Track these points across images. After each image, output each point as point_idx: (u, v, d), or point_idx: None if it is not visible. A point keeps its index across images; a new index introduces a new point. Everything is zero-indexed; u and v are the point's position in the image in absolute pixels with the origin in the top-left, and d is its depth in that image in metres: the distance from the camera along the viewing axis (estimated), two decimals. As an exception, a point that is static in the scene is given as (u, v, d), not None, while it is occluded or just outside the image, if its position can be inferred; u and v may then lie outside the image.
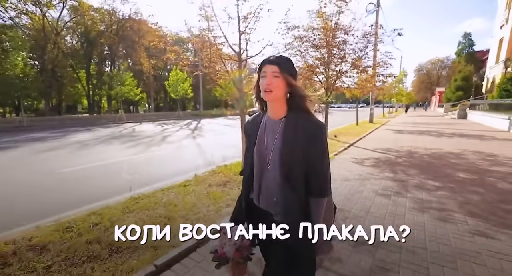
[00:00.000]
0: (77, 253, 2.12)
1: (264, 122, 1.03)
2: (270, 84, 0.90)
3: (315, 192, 0.94)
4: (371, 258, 1.97)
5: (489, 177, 4.13)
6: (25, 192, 4.01)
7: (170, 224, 2.52)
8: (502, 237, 2.25)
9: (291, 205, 0.94)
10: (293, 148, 0.92)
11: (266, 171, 1.00)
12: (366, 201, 3.16)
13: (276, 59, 0.93)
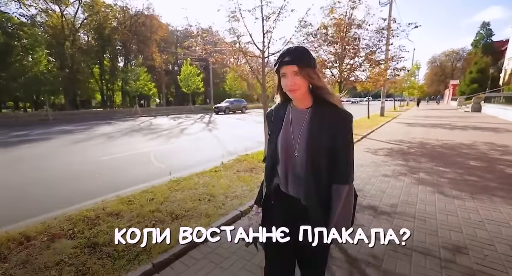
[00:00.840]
0: (146, 219, 2.62)
1: (290, 112, 1.05)
2: (293, 84, 0.93)
3: (338, 179, 0.96)
4: (389, 224, 2.39)
5: (498, 164, 4.42)
6: (77, 176, 4.60)
7: (213, 200, 3.02)
8: (503, 210, 2.62)
9: (315, 192, 0.96)
10: (320, 136, 0.94)
11: (293, 159, 1.01)
12: (382, 184, 3.56)
13: (293, 58, 0.92)
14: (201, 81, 26.26)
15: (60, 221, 2.54)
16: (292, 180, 1.02)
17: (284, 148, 1.02)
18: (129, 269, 1.84)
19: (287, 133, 1.02)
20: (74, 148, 7.22)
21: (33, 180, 4.33)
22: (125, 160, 5.69)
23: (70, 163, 5.52)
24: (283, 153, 1.02)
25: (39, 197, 3.56)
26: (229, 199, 3.13)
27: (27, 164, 5.52)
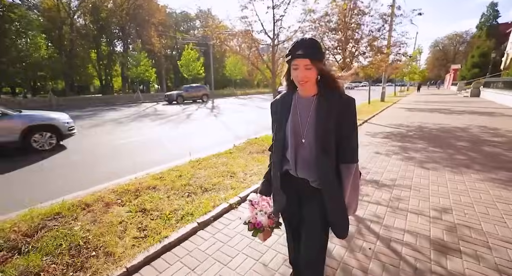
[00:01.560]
0: (179, 191, 3.05)
1: (297, 100, 1.11)
2: (304, 76, 0.99)
3: (347, 159, 1.06)
4: (389, 194, 2.84)
5: (487, 145, 4.86)
6: (101, 158, 5.01)
7: (235, 177, 3.44)
8: (485, 182, 3.07)
9: (327, 172, 1.04)
10: (326, 122, 1.01)
11: (301, 145, 1.08)
12: (383, 162, 3.99)
13: (305, 51, 0.97)
14: (202, 66, 26.03)
15: (106, 193, 2.96)
16: (301, 164, 1.10)
17: (293, 135, 1.08)
18: (179, 226, 2.29)
19: (294, 120, 1.09)
20: (89, 133, 7.57)
21: (62, 162, 4.73)
22: (141, 144, 6.07)
23: (91, 147, 5.91)
24: (292, 139, 1.08)
25: (75, 176, 3.98)
26: (248, 176, 3.56)
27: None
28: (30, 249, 1.93)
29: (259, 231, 1.17)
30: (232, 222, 2.41)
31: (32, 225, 2.24)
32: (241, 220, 1.34)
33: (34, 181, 3.75)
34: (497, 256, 1.77)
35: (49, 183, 3.67)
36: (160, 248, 1.98)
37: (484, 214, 2.35)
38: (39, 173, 4.14)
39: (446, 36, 54.40)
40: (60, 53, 19.50)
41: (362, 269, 1.69)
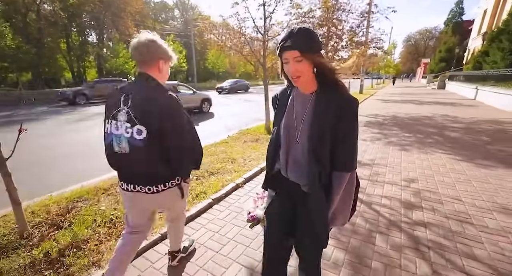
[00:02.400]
0: (188, 175, 3.38)
1: (294, 96, 1.02)
2: (295, 71, 0.89)
3: (339, 167, 0.94)
4: (370, 170, 3.39)
5: (447, 130, 5.68)
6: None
7: (236, 162, 3.83)
8: (445, 158, 3.75)
9: (314, 179, 0.94)
10: (323, 123, 0.91)
11: (294, 145, 1.00)
12: (363, 146, 4.58)
13: (294, 42, 0.86)
14: (184, 58, 25.49)
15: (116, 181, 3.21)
16: (292, 166, 1.02)
17: (286, 134, 1.01)
18: (196, 202, 2.64)
19: (289, 118, 1.01)
20: (77, 127, 7.45)
21: (63, 153, 4.78)
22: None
23: (87, 139, 5.91)
24: (285, 139, 1.02)
25: (80, 166, 4.11)
26: (248, 161, 3.95)
27: (48, 141, 5.77)
28: (69, 224, 2.19)
29: (254, 224, 1.18)
30: (241, 198, 2.81)
31: (61, 206, 2.47)
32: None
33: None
34: (447, 208, 2.36)
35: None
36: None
37: (440, 181, 2.97)
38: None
39: (418, 31, 57.74)
40: (29, 43, 18.04)
41: (351, 224, 2.18)
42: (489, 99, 10.24)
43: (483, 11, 23.14)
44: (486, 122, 6.57)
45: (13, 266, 1.69)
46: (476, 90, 11.67)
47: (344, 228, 2.11)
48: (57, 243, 1.92)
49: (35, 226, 2.16)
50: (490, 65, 12.30)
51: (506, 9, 16.60)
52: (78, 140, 5.93)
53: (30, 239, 1.99)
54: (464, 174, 3.17)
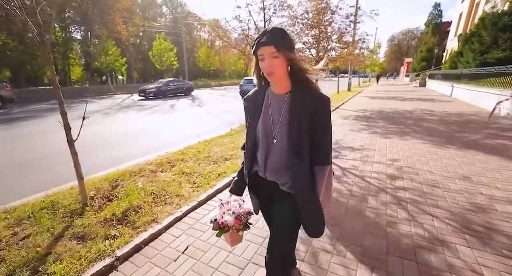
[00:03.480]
0: (205, 161, 3.85)
1: (269, 97, 1.03)
2: (271, 66, 0.90)
3: (320, 161, 1.00)
4: (361, 154, 4.01)
5: (424, 122, 6.47)
6: (110, 143, 5.45)
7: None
8: (423, 144, 4.45)
9: (300, 175, 0.98)
10: (300, 121, 0.94)
11: (272, 146, 1.02)
12: (354, 135, 5.23)
13: (270, 39, 0.88)
14: (175, 56, 25.50)
15: (144, 165, 3.63)
16: (271, 166, 1.04)
17: (264, 134, 1.02)
18: (220, 179, 3.13)
19: (266, 119, 1.02)
20: (78, 124, 7.65)
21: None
22: (140, 131, 6.53)
23: (93, 135, 6.19)
24: (263, 139, 1.03)
25: (105, 155, 4.47)
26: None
27: (56, 136, 5.99)
28: (117, 197, 2.63)
29: (223, 231, 1.11)
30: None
31: (105, 185, 2.89)
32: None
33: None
34: (422, 178, 3.01)
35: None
36: (214, 191, 2.82)
37: (417, 160, 3.64)
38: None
39: (401, 31, 60.07)
40: (14, 40, 17.51)
41: (348, 190, 2.76)
42: (462, 95, 11.31)
43: (459, 14, 24.75)
44: (456, 115, 7.47)
45: (91, 222, 2.14)
46: (452, 88, 12.77)
47: (343, 193, 2.69)
48: (118, 208, 2.37)
49: (91, 198, 2.58)
50: (463, 65, 13.45)
51: (479, 13, 18.01)
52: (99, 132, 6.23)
53: (92, 206, 2.43)
54: (436, 155, 3.86)
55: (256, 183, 1.15)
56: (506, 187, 2.70)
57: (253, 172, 1.13)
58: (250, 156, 1.11)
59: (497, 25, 11.24)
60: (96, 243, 1.91)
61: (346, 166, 3.50)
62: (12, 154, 4.70)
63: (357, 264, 1.67)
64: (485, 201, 2.42)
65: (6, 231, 2.06)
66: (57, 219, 2.23)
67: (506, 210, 2.25)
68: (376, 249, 1.80)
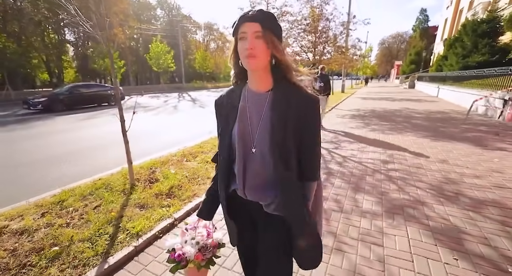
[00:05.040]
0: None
1: (246, 96, 0.82)
2: (253, 48, 0.70)
3: (307, 175, 0.82)
4: (358, 145, 4.62)
5: (412, 119, 7.18)
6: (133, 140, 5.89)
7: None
8: (412, 138, 5.10)
9: (290, 193, 0.79)
10: (284, 125, 0.75)
11: (251, 156, 0.81)
12: (350, 130, 5.85)
13: (258, 15, 0.71)
14: (172, 59, 25.87)
15: (169, 157, 4.12)
16: (251, 182, 0.83)
17: (241, 142, 0.81)
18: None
19: (244, 123, 0.81)
20: (94, 123, 8.04)
21: (97, 143, 5.53)
22: (154, 129, 6.98)
23: (110, 133, 6.57)
24: (240, 149, 0.81)
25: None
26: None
27: (72, 135, 6.38)
28: (156, 180, 3.12)
29: (179, 267, 0.93)
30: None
31: (143, 171, 3.38)
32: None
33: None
34: (409, 162, 3.63)
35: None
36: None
37: (406, 149, 4.28)
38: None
39: (391, 35, 62.06)
40: (15, 42, 17.58)
41: (349, 172, 3.35)
42: (447, 96, 12.20)
43: (445, 20, 26.15)
44: (440, 113, 8.27)
45: (145, 196, 2.64)
46: (438, 89, 13.70)
47: (345, 174, 3.27)
48: (162, 186, 2.87)
49: (136, 180, 3.07)
50: (448, 68, 14.43)
51: (462, 19, 19.21)
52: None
53: (139, 186, 2.92)
54: (421, 145, 4.51)
55: (233, 205, 0.92)
56: (474, 167, 3.35)
57: (230, 192, 0.90)
58: (225, 170, 0.88)
59: (476, 31, 12.23)
60: (155, 209, 2.41)
61: (346, 154, 4.10)
62: (35, 151, 5.10)
63: (360, 218, 2.24)
64: (457, 177, 3.05)
65: (77, 203, 2.54)
66: (115, 195, 2.71)
67: (471, 182, 2.88)
68: (374, 209, 2.37)
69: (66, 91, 11.56)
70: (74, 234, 2.00)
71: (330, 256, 1.77)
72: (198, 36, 48.49)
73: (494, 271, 1.59)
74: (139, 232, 2.06)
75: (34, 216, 2.31)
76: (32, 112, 10.53)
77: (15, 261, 1.72)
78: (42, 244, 1.89)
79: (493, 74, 8.31)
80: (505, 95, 6.68)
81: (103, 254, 1.81)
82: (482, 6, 15.70)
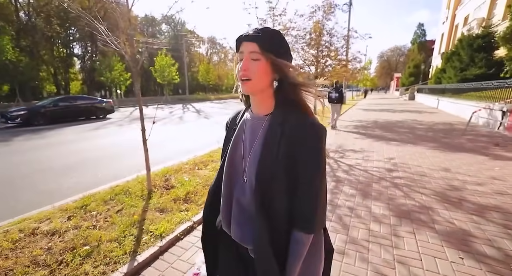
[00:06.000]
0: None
1: (245, 119, 0.76)
2: (246, 69, 0.64)
3: (298, 224, 0.65)
4: (362, 154, 4.78)
5: (414, 130, 7.37)
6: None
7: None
8: (414, 147, 5.26)
9: (261, 238, 0.64)
10: (276, 153, 0.64)
11: (241, 186, 0.71)
12: (353, 140, 6.03)
13: (256, 34, 0.63)
14: (176, 71, 26.60)
15: (181, 165, 4.28)
16: (237, 216, 0.72)
17: (229, 169, 0.73)
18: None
19: (236, 148, 0.74)
20: (108, 132, 8.27)
21: (116, 151, 5.71)
22: (163, 139, 7.17)
23: (126, 141, 6.80)
24: (227, 175, 0.73)
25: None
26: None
27: (100, 141, 6.58)
28: (175, 186, 3.27)
29: None
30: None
31: (158, 178, 3.54)
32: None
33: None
34: (413, 170, 3.77)
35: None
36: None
37: (409, 158, 4.42)
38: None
39: (389, 48, 63.69)
40: (27, 56, 18.33)
41: (356, 179, 3.49)
42: (447, 107, 12.45)
43: (441, 34, 27.00)
44: (441, 124, 8.47)
45: (164, 201, 2.78)
46: (438, 101, 13.99)
47: (352, 181, 3.41)
48: (179, 192, 3.02)
49: (153, 186, 3.23)
50: (446, 80, 14.80)
51: (459, 33, 19.88)
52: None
53: (156, 192, 3.07)
54: (424, 154, 4.66)
55: (220, 241, 0.82)
56: (476, 175, 3.49)
57: (218, 224, 0.81)
58: (213, 200, 0.79)
59: (472, 46, 12.68)
60: (174, 213, 2.55)
61: (351, 163, 4.25)
62: (56, 158, 5.28)
63: (370, 221, 2.37)
64: (460, 184, 3.18)
65: (100, 207, 2.68)
66: (134, 200, 2.86)
67: (474, 189, 3.02)
68: (382, 213, 2.50)
69: (49, 103, 10.71)
70: (102, 235, 2.14)
71: (343, 255, 1.89)
72: (202, 49, 50.09)
73: (498, 268, 1.70)
74: (162, 234, 2.19)
75: (61, 219, 2.46)
76: (10, 126, 9.70)
77: (52, 258, 1.85)
78: (73, 244, 2.02)
79: (491, 87, 8.57)
80: (503, 107, 6.89)
81: (131, 253, 1.94)
82: (477, 22, 16.34)
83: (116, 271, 1.75)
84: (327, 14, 10.07)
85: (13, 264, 1.77)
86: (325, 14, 10.09)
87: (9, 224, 2.37)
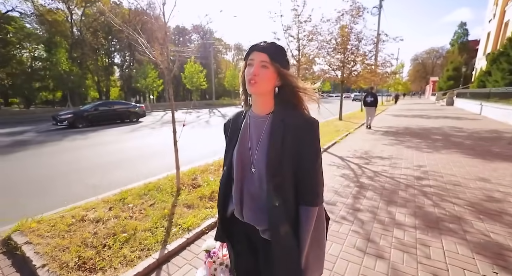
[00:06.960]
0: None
1: (249, 119, 0.89)
2: (256, 74, 0.78)
3: (305, 200, 0.80)
4: (390, 161, 4.59)
5: (451, 137, 6.81)
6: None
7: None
8: (449, 155, 4.90)
9: (278, 217, 0.78)
10: (281, 146, 0.78)
11: (249, 177, 0.85)
12: (382, 147, 5.79)
13: (267, 47, 0.79)
14: (204, 77, 27.83)
15: (207, 166, 4.51)
16: (248, 204, 0.86)
17: (239, 163, 0.86)
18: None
19: (244, 144, 0.87)
20: (142, 134, 9.01)
21: (136, 154, 6.21)
22: (191, 142, 7.57)
23: (157, 143, 7.33)
24: (238, 169, 0.86)
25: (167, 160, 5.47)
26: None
27: (135, 142, 7.25)
28: (199, 185, 3.49)
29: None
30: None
31: (186, 178, 3.80)
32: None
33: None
34: (445, 179, 3.54)
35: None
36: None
37: (442, 167, 4.14)
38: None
39: (424, 51, 59.50)
40: (77, 66, 20.86)
41: (381, 186, 3.38)
42: (492, 113, 11.27)
43: (487, 33, 24.58)
44: (484, 131, 7.72)
45: (191, 198, 3.00)
46: (481, 106, 12.72)
47: (377, 188, 3.31)
48: (205, 191, 3.22)
49: (181, 184, 3.48)
50: (492, 84, 13.42)
51: (508, 33, 17.97)
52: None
53: (184, 190, 3.31)
54: (460, 163, 4.32)
55: (231, 227, 0.95)
56: (522, 187, 3.17)
57: (229, 213, 0.94)
58: (224, 191, 0.93)
59: (524, 45, 11.39)
60: (200, 209, 2.74)
61: (377, 170, 4.11)
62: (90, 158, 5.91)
63: (393, 228, 2.31)
64: (501, 196, 2.92)
65: (136, 200, 2.98)
66: (165, 195, 3.12)
67: (518, 202, 2.75)
68: (407, 221, 2.42)
69: (91, 108, 12.07)
70: (137, 225, 2.39)
71: (363, 258, 1.89)
72: (228, 56, 51.85)
73: (538, 286, 1.57)
74: (189, 227, 2.38)
75: (104, 209, 2.79)
76: (59, 127, 11.12)
77: (97, 241, 2.13)
78: (114, 231, 2.30)
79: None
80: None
81: (162, 242, 2.15)
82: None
83: (150, 256, 1.96)
84: (355, 18, 9.90)
85: (69, 243, 2.08)
86: (353, 18, 9.93)
87: (63, 211, 2.75)
